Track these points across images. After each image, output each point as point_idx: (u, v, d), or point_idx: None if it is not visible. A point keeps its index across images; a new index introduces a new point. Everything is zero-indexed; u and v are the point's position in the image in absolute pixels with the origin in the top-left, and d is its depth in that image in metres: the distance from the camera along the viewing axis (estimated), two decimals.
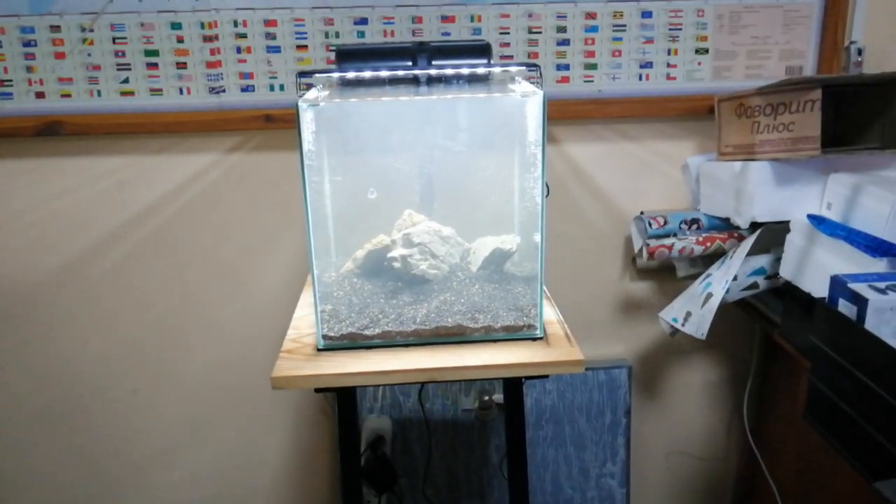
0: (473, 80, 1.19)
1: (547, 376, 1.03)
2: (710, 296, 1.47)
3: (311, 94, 1.08)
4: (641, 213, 1.64)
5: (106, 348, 1.69)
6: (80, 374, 1.70)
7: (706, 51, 1.57)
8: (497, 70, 1.13)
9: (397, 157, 1.22)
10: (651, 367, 1.84)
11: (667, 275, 1.75)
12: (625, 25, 1.55)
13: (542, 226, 1.05)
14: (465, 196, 1.26)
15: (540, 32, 1.53)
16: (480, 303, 1.13)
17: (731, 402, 1.85)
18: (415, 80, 1.19)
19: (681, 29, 1.56)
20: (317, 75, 1.15)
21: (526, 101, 1.05)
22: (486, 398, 1.72)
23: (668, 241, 1.54)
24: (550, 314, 1.17)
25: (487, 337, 1.09)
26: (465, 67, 1.11)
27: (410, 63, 1.17)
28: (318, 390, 1.04)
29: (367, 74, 1.11)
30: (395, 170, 1.22)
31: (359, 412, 1.72)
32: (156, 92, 1.51)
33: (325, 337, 1.08)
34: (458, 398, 1.75)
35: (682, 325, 1.51)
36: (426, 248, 1.17)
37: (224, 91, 1.52)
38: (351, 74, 1.11)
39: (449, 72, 1.11)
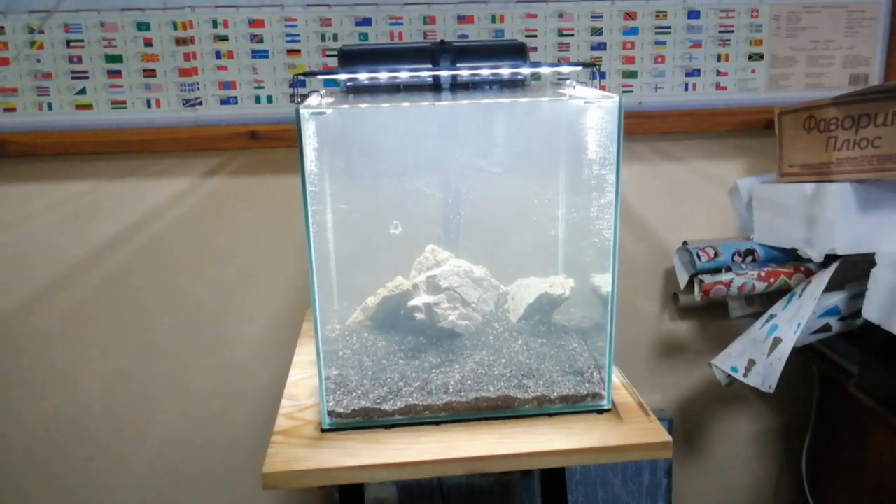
0: (509, 85, 0.96)
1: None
2: (777, 341, 1.25)
3: (313, 100, 0.84)
4: (685, 243, 1.42)
5: (57, 409, 1.42)
6: (31, 434, 1.43)
7: (761, 56, 1.37)
8: (546, 71, 0.90)
9: (417, 179, 0.99)
10: (694, 418, 1.61)
11: (713, 313, 1.53)
12: (669, 27, 1.33)
13: (613, 265, 0.82)
14: (500, 228, 1.02)
15: (572, 35, 1.31)
16: (528, 364, 0.89)
17: (785, 459, 1.62)
18: (436, 86, 0.96)
19: (732, 31, 1.35)
20: (317, 77, 0.91)
21: (591, 107, 0.82)
22: None
23: (724, 277, 1.32)
24: (614, 376, 0.93)
25: (541, 410, 0.85)
26: (504, 67, 0.88)
27: (430, 66, 0.94)
28: (321, 488, 0.79)
29: (382, 76, 0.87)
30: (414, 195, 0.99)
31: None
32: (119, 105, 1.27)
33: (331, 414, 0.84)
34: None
35: (745, 375, 1.28)
36: (455, 293, 0.93)
37: (200, 103, 1.28)
38: (362, 76, 0.87)
39: (484, 72, 0.88)
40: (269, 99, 1.29)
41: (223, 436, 1.47)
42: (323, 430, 0.83)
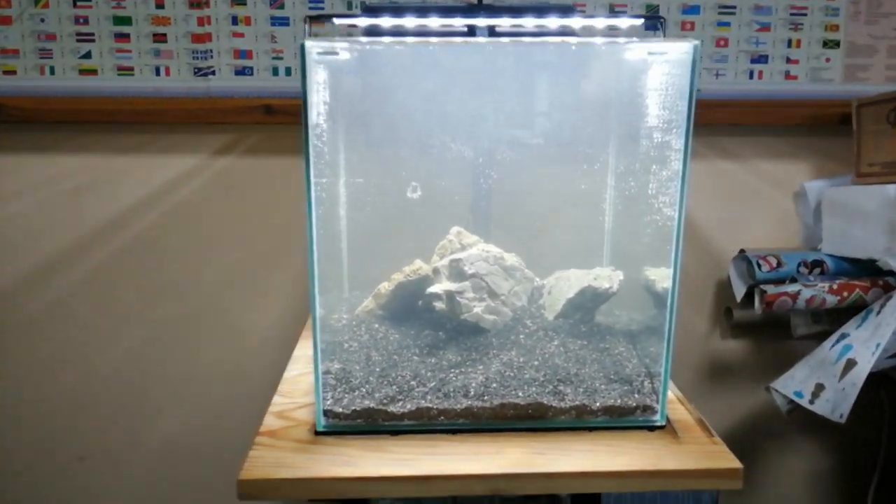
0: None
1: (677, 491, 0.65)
2: (851, 364, 1.08)
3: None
4: (742, 251, 1.26)
5: (47, 402, 1.31)
6: (16, 431, 1.32)
7: (837, 44, 1.22)
8: (601, 24, 0.76)
9: (445, 149, 0.86)
10: (745, 451, 1.43)
11: (772, 331, 1.36)
12: (734, 7, 1.20)
13: (676, 252, 0.67)
14: (537, 210, 0.89)
15: (624, 12, 1.18)
16: (565, 368, 0.74)
17: (849, 497, 1.44)
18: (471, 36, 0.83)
19: (805, 14, 1.20)
20: (335, 21, 0.79)
21: (654, 61, 0.68)
22: None
23: (791, 289, 1.16)
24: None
25: (580, 423, 0.71)
26: (551, 17, 0.74)
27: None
28: (312, 501, 0.66)
29: (409, 22, 0.75)
30: (439, 168, 0.86)
31: None
32: (125, 71, 1.17)
33: (328, 414, 0.70)
34: None
35: (811, 401, 1.12)
36: (482, 281, 0.80)
37: (213, 73, 1.17)
38: (384, 21, 0.75)
39: (528, 22, 0.74)
40: (288, 71, 1.18)
41: (226, 438, 1.34)
42: (317, 433, 0.70)
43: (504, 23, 0.77)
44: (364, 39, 0.71)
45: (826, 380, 1.12)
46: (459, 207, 0.89)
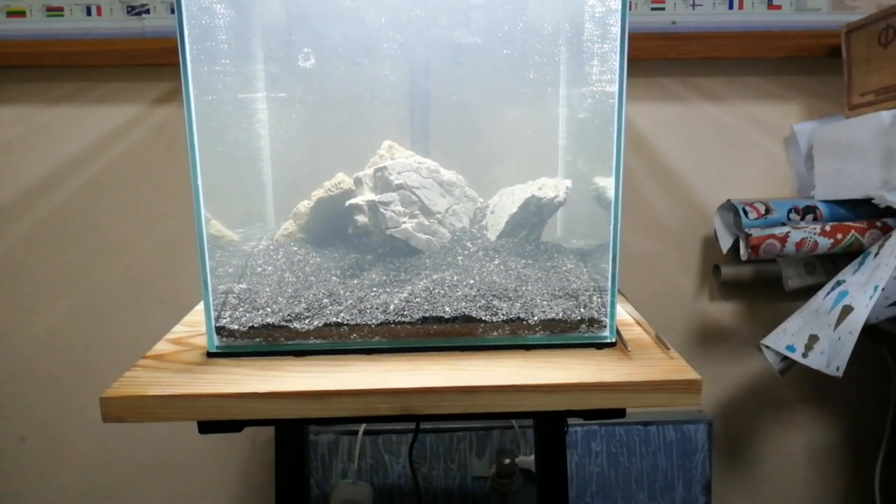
0: None
1: (623, 412, 0.54)
2: (847, 310, 0.98)
3: None
4: (728, 201, 1.16)
5: None
6: None
7: None
8: None
9: (374, 61, 0.76)
10: (739, 422, 1.33)
11: (764, 291, 1.26)
12: None
13: (618, 155, 0.58)
14: (480, 127, 0.79)
15: None
16: (504, 285, 0.64)
17: (853, 472, 1.33)
18: None
19: None
20: None
21: None
22: (507, 461, 1.21)
23: (779, 231, 1.05)
24: (623, 311, 0.68)
25: (516, 341, 0.61)
26: None
27: None
28: (203, 429, 0.56)
29: None
30: (370, 81, 0.76)
31: (328, 475, 1.22)
32: (55, 12, 1.09)
33: (221, 332, 0.60)
34: (468, 459, 1.24)
35: (804, 355, 1.02)
36: (413, 195, 0.70)
37: (148, 11, 1.09)
38: None
39: None
40: None
41: None
42: (209, 355, 0.60)
43: None
44: None
45: (820, 330, 1.01)
46: (396, 122, 0.79)
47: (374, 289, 0.65)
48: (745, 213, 1.11)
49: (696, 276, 1.26)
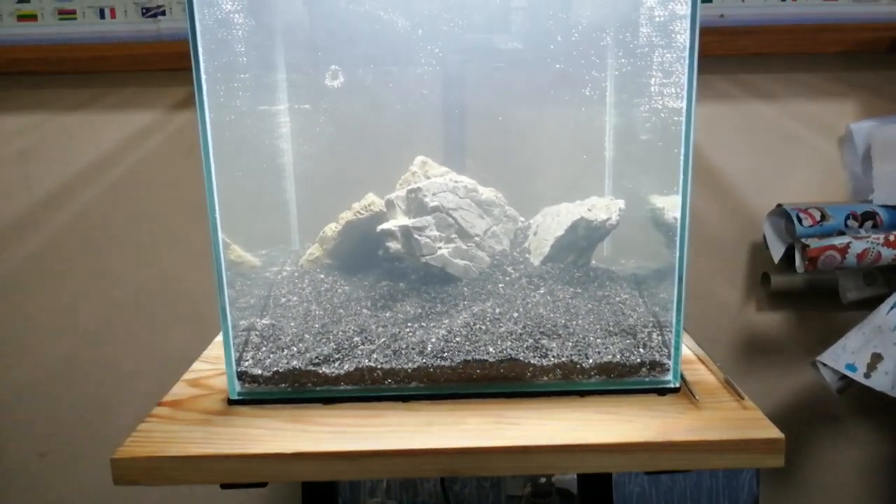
0: None
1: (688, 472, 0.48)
2: None
3: None
4: (779, 206, 1.08)
5: None
6: None
7: None
8: None
9: (405, 68, 0.70)
10: (788, 437, 1.25)
11: (817, 300, 1.18)
12: None
13: (686, 173, 0.51)
14: (521, 141, 0.73)
15: None
16: (552, 319, 0.58)
17: None
18: None
19: None
20: None
21: None
22: (544, 479, 1.15)
23: (838, 241, 0.98)
24: (685, 345, 0.62)
25: (569, 386, 0.54)
26: None
27: None
28: (225, 486, 0.51)
29: None
30: (400, 89, 0.70)
31: (357, 494, 1.17)
32: (67, 15, 1.04)
33: (244, 377, 0.55)
34: (502, 477, 1.18)
35: (866, 375, 0.95)
36: (449, 217, 0.64)
37: (164, 13, 1.03)
38: None
39: None
40: None
41: None
42: (230, 402, 0.55)
43: None
44: None
45: (884, 348, 0.94)
46: (428, 135, 0.73)
47: (409, 324, 0.59)
48: (799, 219, 1.03)
49: (744, 285, 1.19)
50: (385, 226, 0.62)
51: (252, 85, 0.68)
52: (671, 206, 0.60)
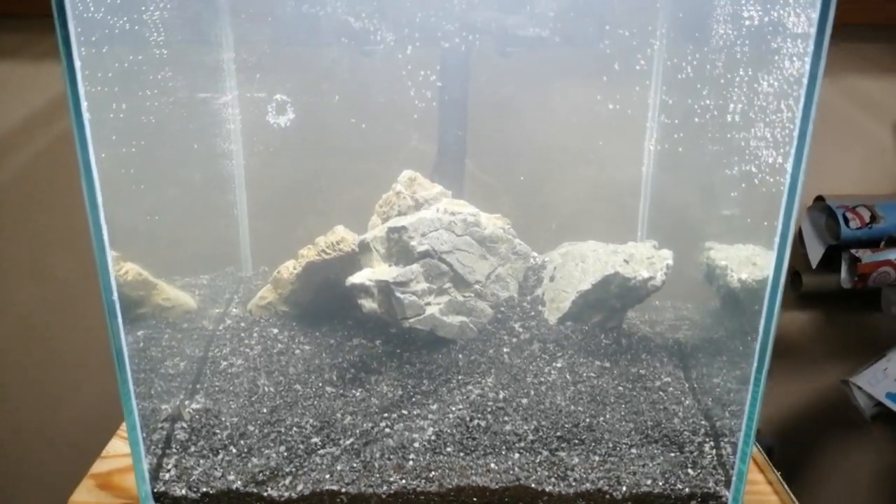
0: None
1: None
2: None
3: None
4: (819, 198, 0.94)
5: None
6: None
7: None
8: None
9: (390, 51, 0.54)
10: (803, 447, 1.18)
11: (851, 302, 1.05)
12: None
13: (784, 229, 0.36)
14: (535, 154, 0.57)
15: None
16: (573, 413, 0.44)
17: None
18: None
19: None
20: None
21: None
22: None
23: (895, 256, 0.84)
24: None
25: None
26: None
27: None
28: None
29: None
30: (383, 79, 0.54)
31: None
32: None
33: (162, 500, 0.41)
34: None
35: None
36: (443, 264, 0.49)
37: None
38: None
39: None
40: None
41: None
42: None
43: None
44: None
45: None
46: (418, 147, 0.57)
47: (386, 413, 0.45)
48: (846, 220, 0.90)
49: None
50: (357, 279, 0.47)
51: (177, 61, 0.51)
52: (736, 262, 0.46)
